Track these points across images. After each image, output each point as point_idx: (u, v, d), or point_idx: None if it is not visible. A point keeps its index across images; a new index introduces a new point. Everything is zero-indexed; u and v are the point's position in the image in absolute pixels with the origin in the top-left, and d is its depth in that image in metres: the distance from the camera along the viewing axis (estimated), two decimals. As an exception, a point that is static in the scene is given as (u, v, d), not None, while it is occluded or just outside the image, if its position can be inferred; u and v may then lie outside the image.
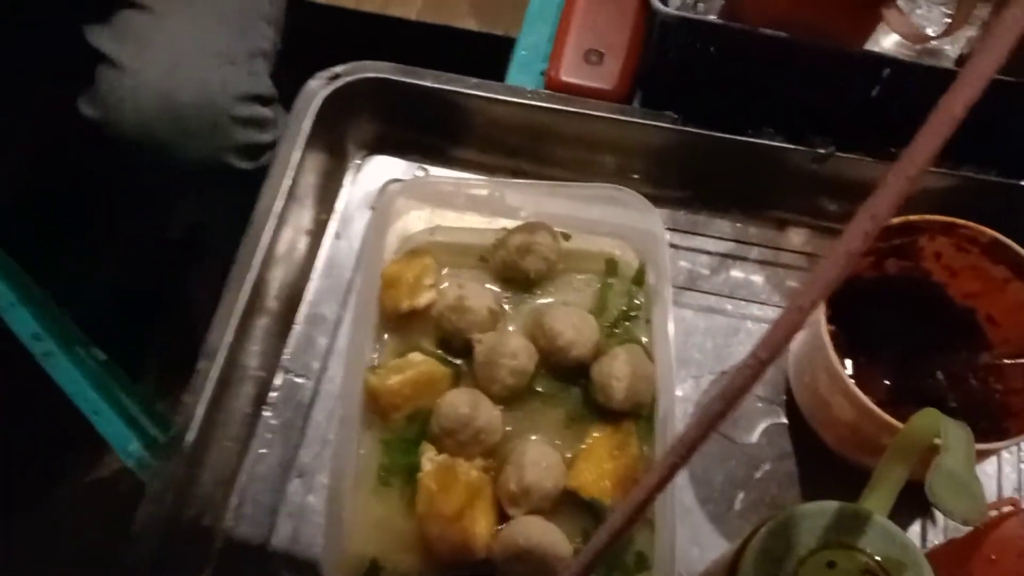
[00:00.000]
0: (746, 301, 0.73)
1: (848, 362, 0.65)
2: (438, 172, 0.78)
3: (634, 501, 0.30)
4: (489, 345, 0.64)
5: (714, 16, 0.66)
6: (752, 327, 0.72)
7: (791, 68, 0.68)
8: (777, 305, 0.74)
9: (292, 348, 0.70)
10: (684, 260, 0.75)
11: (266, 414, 0.68)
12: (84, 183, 1.22)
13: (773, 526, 0.46)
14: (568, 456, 0.63)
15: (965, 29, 0.66)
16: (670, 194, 0.76)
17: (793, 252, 0.75)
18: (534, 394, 0.66)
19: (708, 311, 0.73)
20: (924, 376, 0.66)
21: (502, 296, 0.69)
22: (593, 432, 0.64)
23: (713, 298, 0.73)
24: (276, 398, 0.68)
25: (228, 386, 0.64)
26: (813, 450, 0.65)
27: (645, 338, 0.67)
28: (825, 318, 0.58)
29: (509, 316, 0.68)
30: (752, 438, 0.68)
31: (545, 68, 0.78)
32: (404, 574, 0.59)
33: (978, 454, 0.46)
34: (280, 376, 0.69)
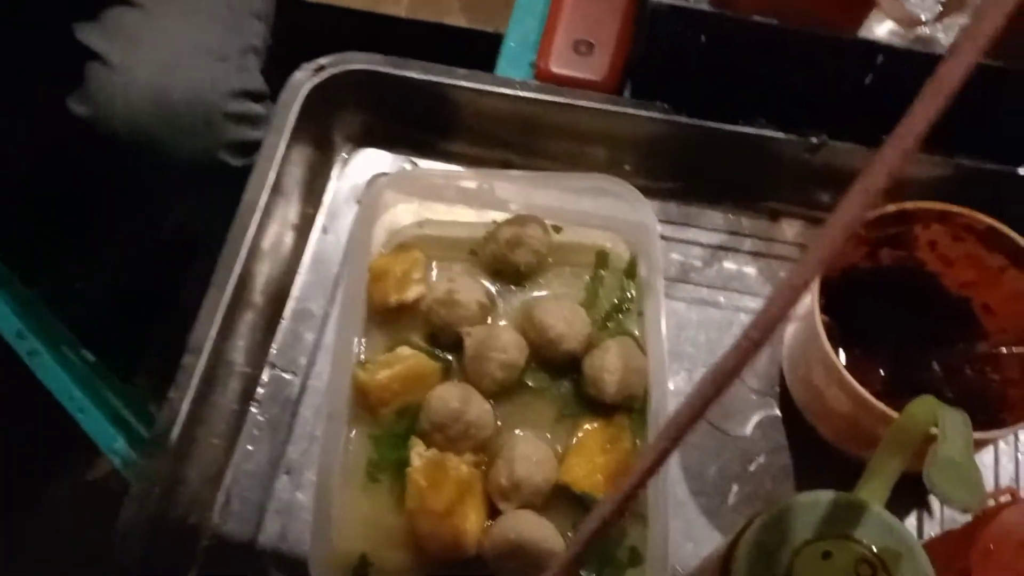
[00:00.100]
0: (739, 293, 0.72)
1: (842, 354, 0.65)
2: (427, 165, 0.77)
3: (625, 487, 0.29)
4: (479, 339, 0.63)
5: (705, 4, 0.65)
6: (745, 319, 0.71)
7: (783, 56, 0.67)
8: (771, 297, 0.72)
9: (279, 344, 0.69)
10: (676, 252, 0.74)
11: (253, 410, 0.67)
12: (78, 184, 1.21)
13: (767, 518, 0.45)
14: (560, 450, 0.62)
15: (958, 16, 0.65)
16: (662, 185, 0.75)
17: (786, 243, 0.74)
18: (525, 388, 0.65)
19: (701, 303, 0.72)
20: (920, 367, 0.65)
21: (492, 289, 0.68)
22: (585, 426, 0.63)
23: (706, 290, 0.72)
24: (263, 394, 0.67)
25: (214, 382, 0.63)
26: (808, 442, 0.64)
27: (637, 331, 0.67)
28: (819, 309, 0.58)
29: (499, 310, 0.68)
30: (746, 431, 0.67)
31: (534, 60, 0.77)
32: (393, 571, 0.59)
33: (975, 444, 0.45)
34: (267, 372, 0.68)
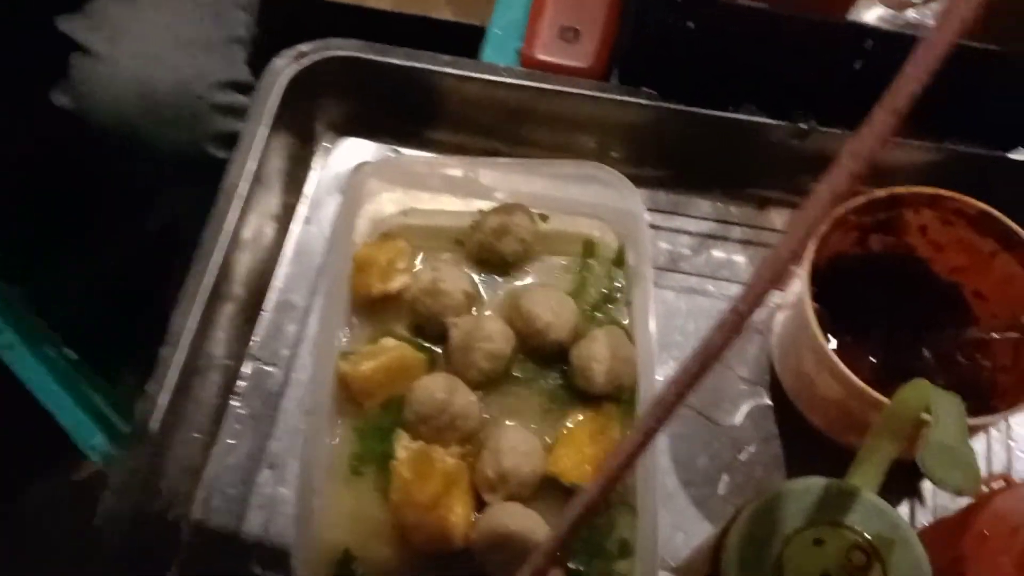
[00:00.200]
0: (728, 282, 0.71)
1: (833, 341, 0.64)
2: (411, 154, 0.76)
3: (611, 468, 0.28)
4: (465, 329, 0.62)
5: (692, -11, 0.64)
6: (735, 308, 0.70)
7: (772, 41, 0.66)
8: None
9: (261, 336, 0.68)
10: (665, 241, 0.73)
11: (234, 404, 0.65)
12: (62, 179, 1.19)
13: (758, 506, 0.44)
14: (548, 441, 0.61)
15: (947, -1, 0.64)
16: (650, 174, 0.74)
17: (775, 231, 0.73)
18: (512, 379, 0.64)
19: (690, 292, 0.71)
20: (911, 354, 0.64)
21: (478, 279, 0.67)
22: (573, 417, 0.62)
23: (695, 279, 0.72)
24: (244, 387, 0.66)
25: (194, 375, 0.61)
26: (798, 431, 0.64)
27: (626, 320, 0.66)
28: (809, 296, 0.57)
29: (485, 300, 0.67)
30: (736, 420, 0.66)
31: (520, 46, 0.75)
32: (378, 565, 0.57)
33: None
34: (249, 365, 0.67)
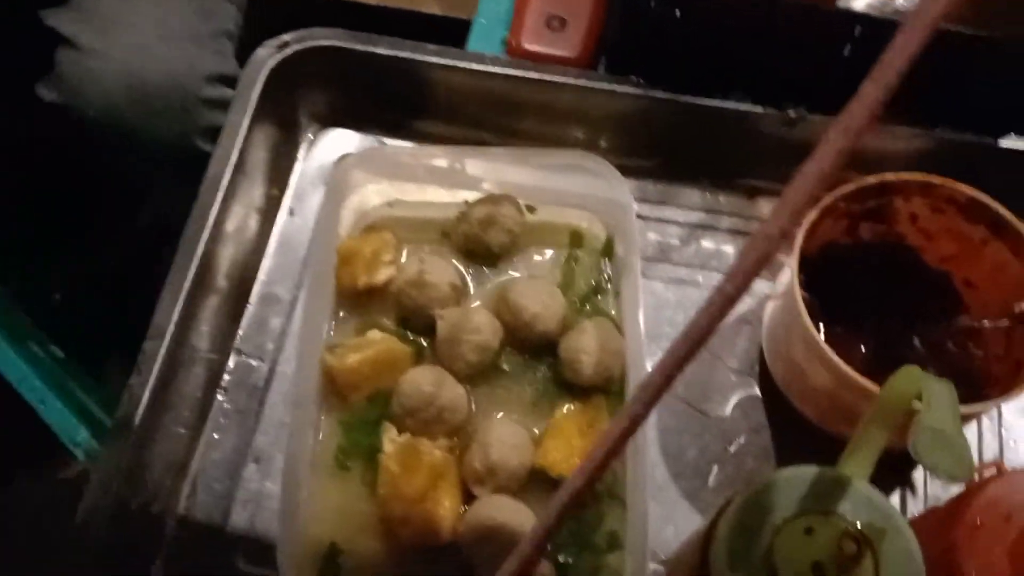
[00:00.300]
0: (717, 272, 0.71)
1: (823, 331, 0.63)
2: (396, 145, 0.75)
3: (598, 455, 0.27)
4: (452, 321, 0.62)
5: (679, -23, 0.63)
6: (724, 299, 0.69)
7: (760, 29, 0.66)
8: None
9: (245, 329, 0.67)
10: (653, 232, 0.72)
11: (219, 398, 0.65)
12: (50, 176, 1.18)
13: (748, 496, 0.44)
14: (536, 434, 0.61)
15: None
16: (638, 164, 0.73)
17: (765, 221, 0.73)
18: (500, 371, 0.63)
19: (679, 283, 0.70)
20: (901, 344, 0.64)
21: (465, 271, 0.67)
22: (562, 409, 0.62)
23: (684, 270, 0.71)
24: (229, 381, 0.65)
25: (177, 368, 0.61)
26: (789, 422, 0.63)
27: (614, 312, 0.65)
28: (799, 285, 0.56)
29: (473, 292, 0.66)
30: (726, 411, 0.66)
31: (506, 36, 0.75)
32: (365, 559, 0.57)
33: (959, 417, 0.44)
34: (233, 358, 0.66)
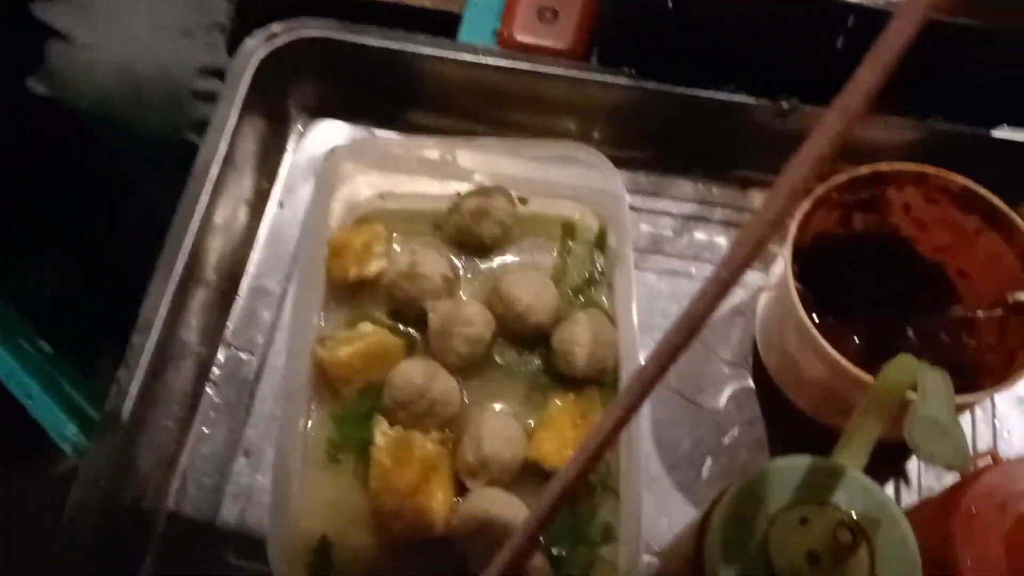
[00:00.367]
0: (710, 264, 0.71)
1: (817, 322, 0.63)
2: (387, 136, 0.74)
3: (592, 444, 0.27)
4: (444, 313, 0.61)
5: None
6: (717, 290, 0.69)
7: (753, 19, 0.65)
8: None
9: (235, 322, 0.67)
10: (646, 223, 0.72)
11: (209, 391, 0.64)
12: (40, 171, 1.17)
13: (742, 486, 0.43)
14: (530, 426, 0.60)
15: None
16: (631, 155, 0.73)
17: (761, 206, 0.72)
18: (493, 364, 0.63)
19: (672, 275, 0.70)
20: (895, 334, 0.64)
21: (457, 263, 0.66)
22: (555, 401, 0.61)
23: (677, 261, 0.71)
24: (219, 375, 0.65)
25: (166, 362, 0.60)
26: (782, 413, 0.63)
27: (607, 303, 0.65)
28: (793, 275, 0.56)
29: (465, 284, 0.66)
30: (719, 403, 0.65)
31: (497, 27, 0.74)
32: (357, 553, 0.56)
33: (953, 407, 0.43)
34: (223, 351, 0.66)
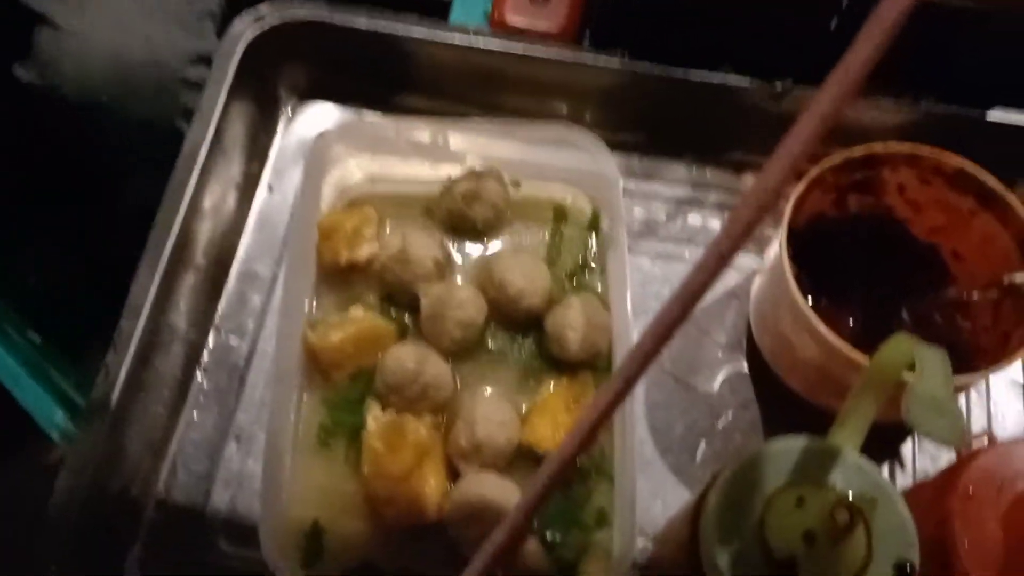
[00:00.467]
0: (704, 247, 0.70)
1: (811, 304, 0.63)
2: (378, 118, 0.73)
3: (586, 421, 0.27)
4: (436, 297, 0.61)
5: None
6: (711, 273, 0.69)
7: (747, 1, 0.65)
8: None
9: (224, 307, 0.66)
10: (639, 207, 0.71)
11: (199, 377, 0.63)
12: (28, 159, 1.16)
13: (738, 467, 0.43)
14: (523, 410, 0.60)
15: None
16: (624, 138, 0.72)
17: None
18: (485, 348, 0.63)
19: (665, 258, 0.70)
20: (889, 317, 0.64)
21: (449, 246, 0.65)
22: (548, 385, 0.61)
23: (670, 245, 0.70)
24: (209, 360, 0.64)
25: (155, 347, 0.60)
26: (776, 396, 0.63)
27: (600, 287, 0.64)
28: (788, 256, 0.56)
29: (457, 268, 0.65)
30: (713, 387, 0.65)
31: (488, 9, 0.73)
32: (349, 538, 0.56)
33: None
34: (213, 337, 0.65)
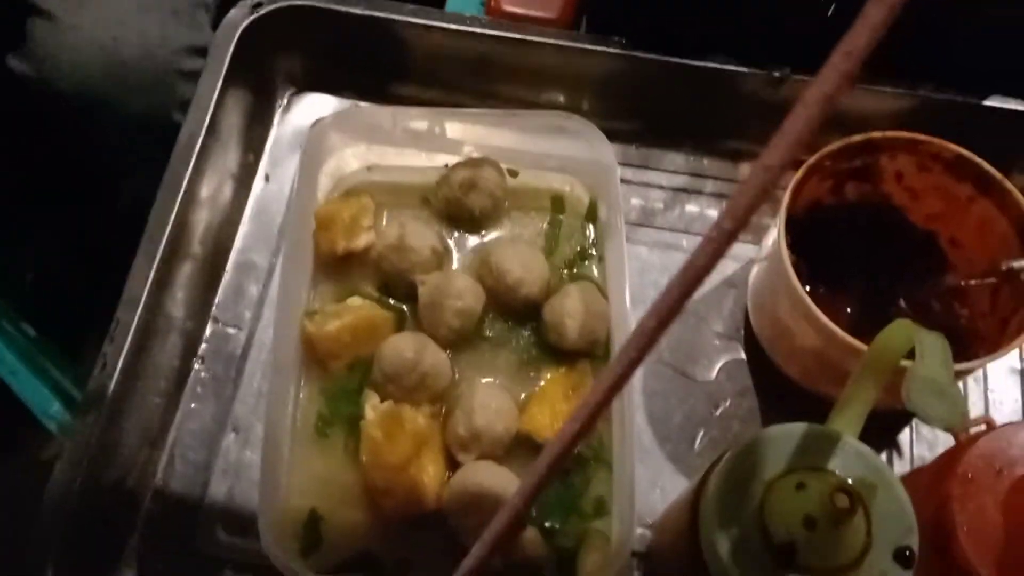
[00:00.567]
0: (702, 236, 0.70)
1: (808, 293, 0.63)
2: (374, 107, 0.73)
3: (584, 410, 0.26)
4: (433, 286, 0.60)
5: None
6: (709, 262, 0.69)
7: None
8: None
9: (222, 297, 0.66)
10: (637, 196, 0.71)
11: (196, 367, 0.63)
12: (23, 152, 1.15)
13: (737, 452, 0.43)
14: (521, 399, 0.60)
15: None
16: (621, 127, 0.72)
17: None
18: (483, 337, 0.62)
19: (663, 247, 0.69)
20: (887, 304, 0.64)
21: (446, 235, 0.65)
22: (546, 374, 0.61)
23: (668, 234, 0.70)
24: (206, 350, 0.64)
25: (152, 337, 0.59)
26: (774, 384, 0.63)
27: (598, 276, 0.64)
28: (786, 243, 0.56)
29: (454, 257, 0.65)
30: (711, 375, 0.65)
31: (485, -3, 0.73)
32: (347, 528, 0.56)
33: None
34: (210, 327, 0.65)
